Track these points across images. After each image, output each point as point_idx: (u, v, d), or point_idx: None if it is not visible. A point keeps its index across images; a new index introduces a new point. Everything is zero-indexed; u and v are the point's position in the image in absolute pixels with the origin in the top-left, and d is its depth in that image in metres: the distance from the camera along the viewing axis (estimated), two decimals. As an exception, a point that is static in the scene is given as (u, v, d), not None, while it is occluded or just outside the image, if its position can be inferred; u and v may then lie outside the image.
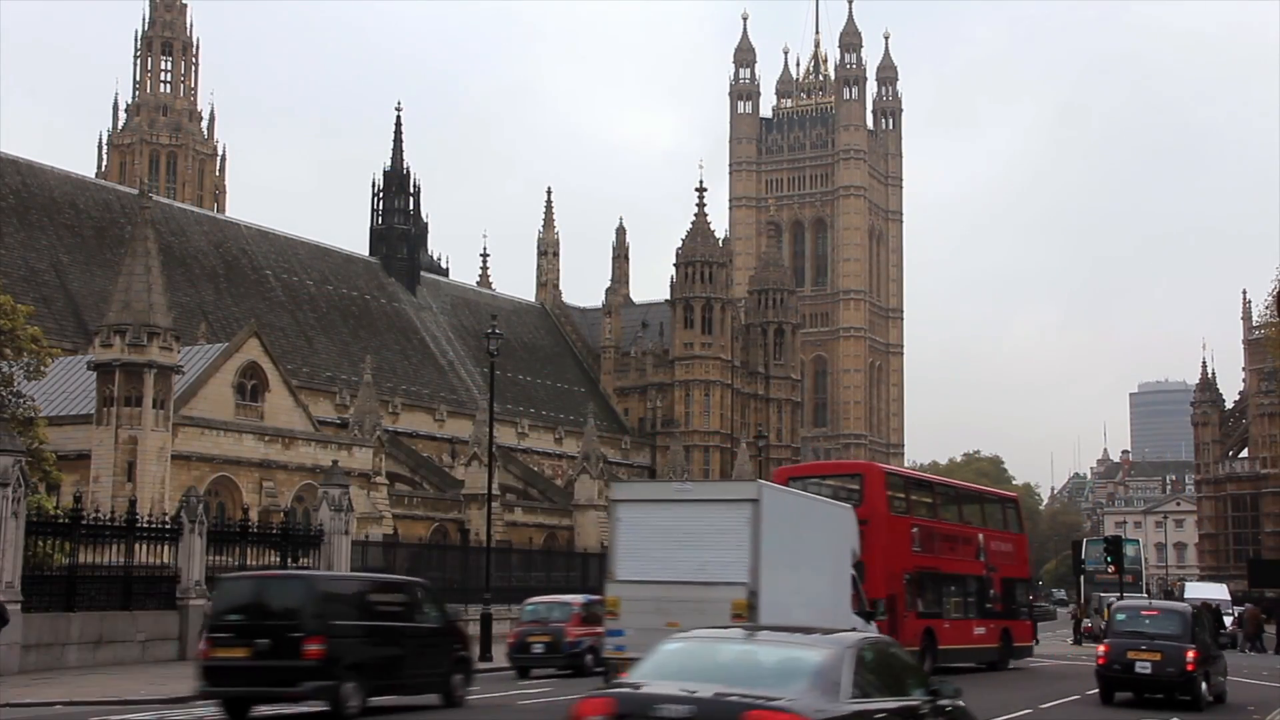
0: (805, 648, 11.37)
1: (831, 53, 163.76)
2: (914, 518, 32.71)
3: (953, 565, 33.81)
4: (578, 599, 33.18)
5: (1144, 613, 27.49)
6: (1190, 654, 24.70)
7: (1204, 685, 24.99)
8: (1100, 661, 25.79)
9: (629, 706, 10.50)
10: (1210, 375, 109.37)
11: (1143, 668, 24.94)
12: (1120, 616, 27.35)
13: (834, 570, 24.26)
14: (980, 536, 35.53)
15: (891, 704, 11.24)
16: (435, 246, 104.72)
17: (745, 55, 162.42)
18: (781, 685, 10.46)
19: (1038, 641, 41.99)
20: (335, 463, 46.99)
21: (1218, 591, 64.91)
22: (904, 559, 31.06)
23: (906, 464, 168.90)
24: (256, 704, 20.00)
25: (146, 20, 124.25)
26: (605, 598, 21.86)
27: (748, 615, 19.64)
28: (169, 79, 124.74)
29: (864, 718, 10.71)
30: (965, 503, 38.38)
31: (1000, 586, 35.88)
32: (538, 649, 30.96)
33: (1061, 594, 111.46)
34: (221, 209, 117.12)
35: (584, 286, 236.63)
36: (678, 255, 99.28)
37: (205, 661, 19.95)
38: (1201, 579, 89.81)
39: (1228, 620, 56.29)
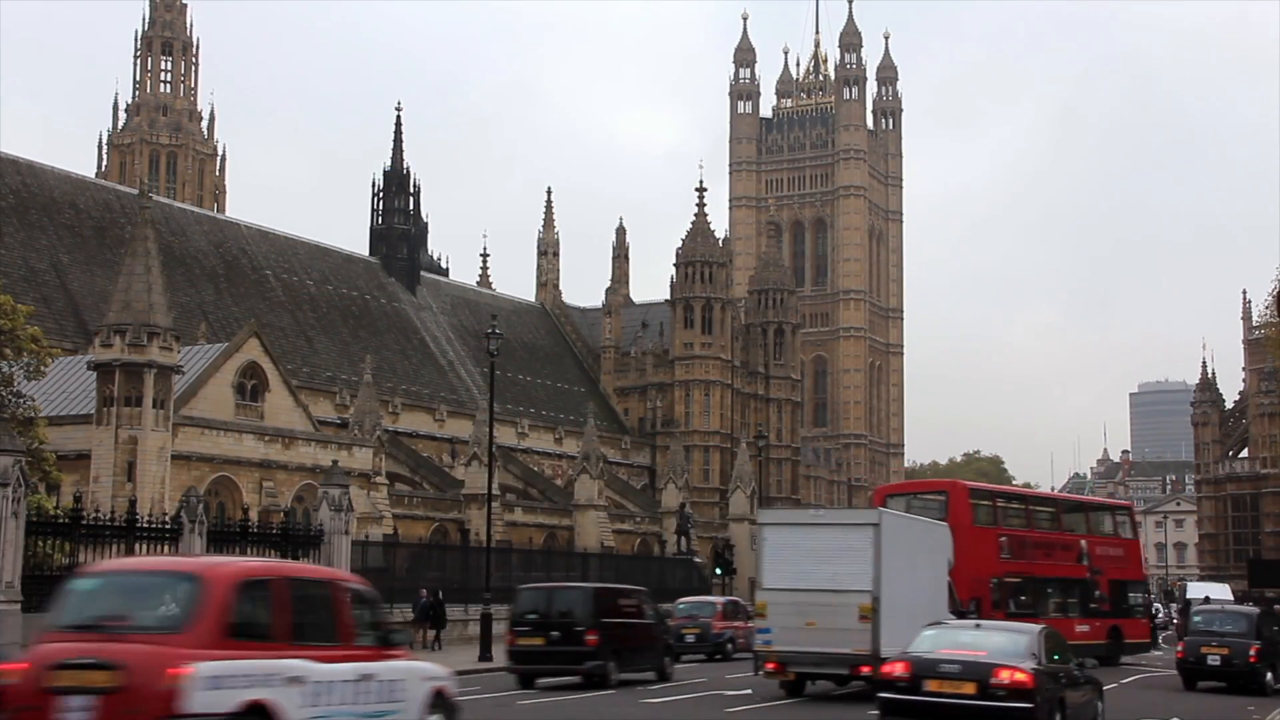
0: (1016, 632, 18.91)
1: (831, 53, 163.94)
2: (1003, 528, 36.58)
3: (1050, 570, 37.48)
4: (720, 600, 44.71)
5: (1216, 614, 32.74)
6: (1253, 649, 29.68)
7: (1269, 675, 29.82)
8: (1179, 656, 31.29)
9: (920, 667, 17.53)
10: (1210, 375, 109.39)
11: (1213, 660, 29.95)
12: (1197, 619, 32.79)
13: (933, 576, 28.30)
14: (1083, 543, 38.86)
15: (1060, 667, 18.32)
16: (435, 246, 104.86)
17: (745, 55, 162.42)
18: (1007, 655, 17.42)
19: (1155, 639, 45.56)
20: (335, 463, 46.96)
21: (1220, 591, 64.83)
22: (990, 566, 34.70)
23: (906, 464, 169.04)
24: (544, 677, 27.95)
25: (146, 20, 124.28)
26: (756, 602, 26.47)
27: (871, 616, 23.95)
28: (169, 79, 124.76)
29: (1053, 673, 17.92)
30: (1067, 512, 42.44)
31: (1107, 588, 38.91)
32: (690, 639, 38.85)
33: None
34: (221, 209, 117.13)
35: (584, 286, 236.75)
36: (678, 255, 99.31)
37: (511, 647, 28.68)
38: (1202, 579, 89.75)
39: None
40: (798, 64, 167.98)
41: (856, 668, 24.38)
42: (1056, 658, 18.37)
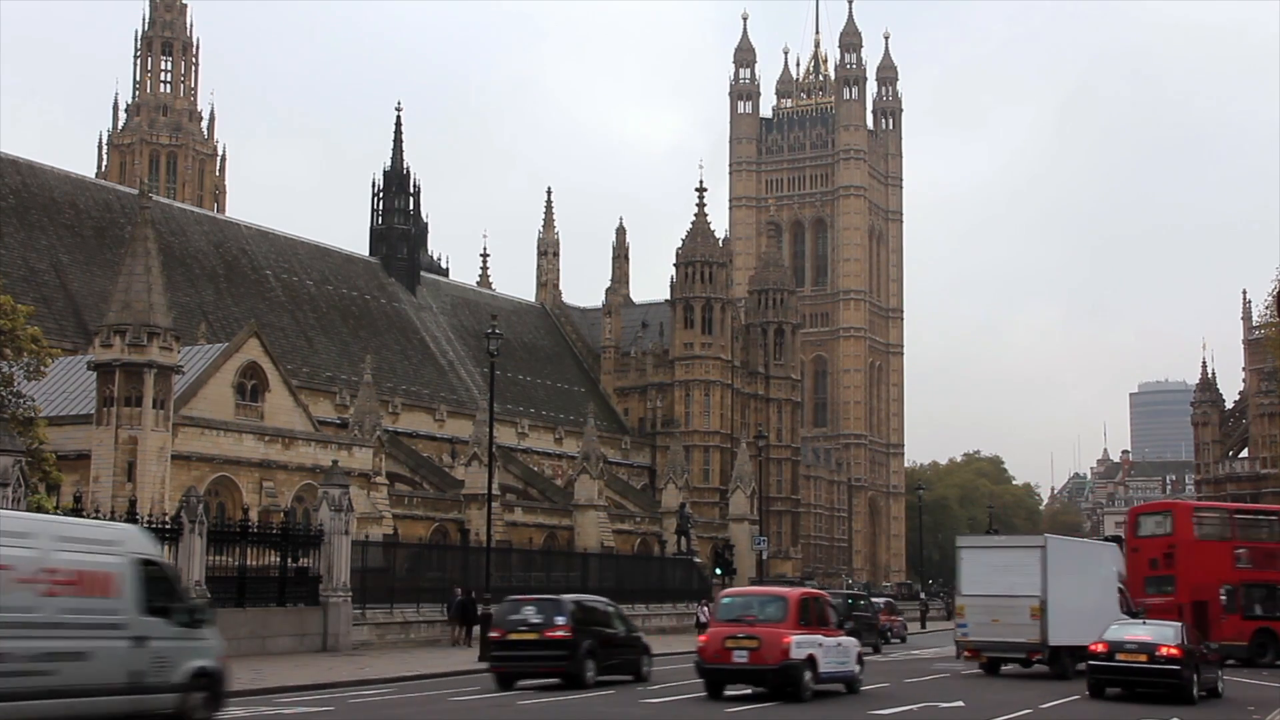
0: (1168, 626, 27.93)
1: (831, 53, 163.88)
2: (1238, 541, 41.22)
3: None
4: (882, 599, 58.64)
5: None
6: None
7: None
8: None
9: (1113, 645, 26.71)
10: (1210, 375, 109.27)
11: None
12: None
13: (1100, 585, 34.67)
14: None
15: (1196, 648, 27.44)
16: (435, 246, 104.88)
17: (745, 55, 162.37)
18: (1165, 639, 26.62)
19: None
20: (335, 463, 46.97)
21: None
22: (1220, 573, 40.03)
23: (906, 464, 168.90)
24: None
25: (146, 20, 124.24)
26: (955, 605, 35.43)
27: (1040, 615, 31.00)
28: (169, 79, 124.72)
29: (1192, 651, 26.78)
30: None
31: None
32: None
33: None
34: (221, 209, 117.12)
35: (584, 286, 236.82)
36: (678, 255, 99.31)
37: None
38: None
39: None
40: (798, 64, 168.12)
41: (1030, 654, 32.10)
42: (1193, 644, 27.30)
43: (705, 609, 47.41)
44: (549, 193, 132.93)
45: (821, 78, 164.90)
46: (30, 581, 15.66)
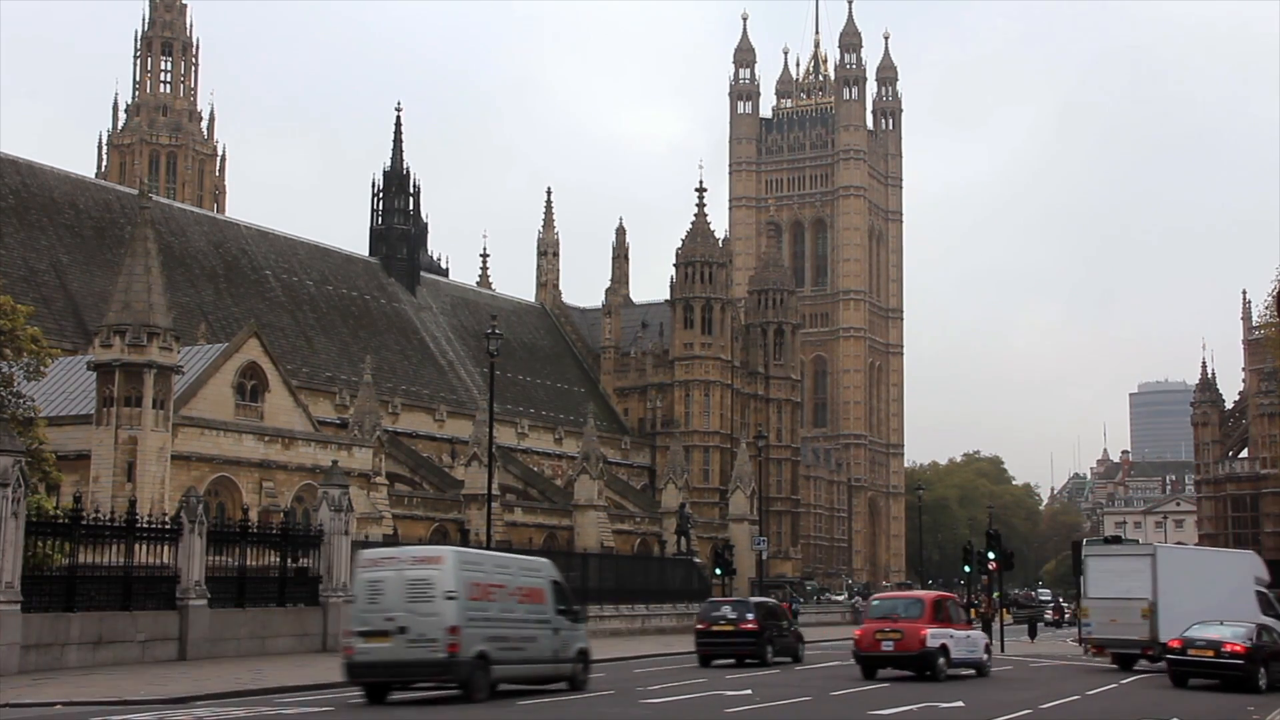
0: (1240, 626, 30.97)
1: (831, 53, 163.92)
2: None
3: None
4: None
5: None
6: None
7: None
8: None
9: (1187, 641, 30.24)
10: (1210, 375, 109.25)
11: None
12: None
13: (1229, 589, 37.24)
14: None
15: (1266, 644, 30.41)
16: (435, 246, 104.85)
17: (745, 55, 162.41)
18: (1236, 637, 29.92)
19: None
20: (335, 463, 46.95)
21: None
22: None
23: (906, 464, 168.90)
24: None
25: (146, 20, 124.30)
26: (1080, 607, 40.01)
27: (1150, 615, 34.95)
28: (169, 79, 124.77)
29: (1260, 647, 30.15)
30: None
31: None
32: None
33: (1046, 594, 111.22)
34: (221, 209, 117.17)
35: (584, 286, 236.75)
36: (678, 255, 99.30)
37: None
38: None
39: None
40: (798, 64, 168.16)
41: (1143, 649, 35.76)
42: (1265, 640, 30.59)
43: None
44: (549, 193, 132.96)
45: (821, 78, 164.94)
46: (512, 595, 25.37)
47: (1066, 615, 75.10)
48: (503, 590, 24.96)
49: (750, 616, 37.02)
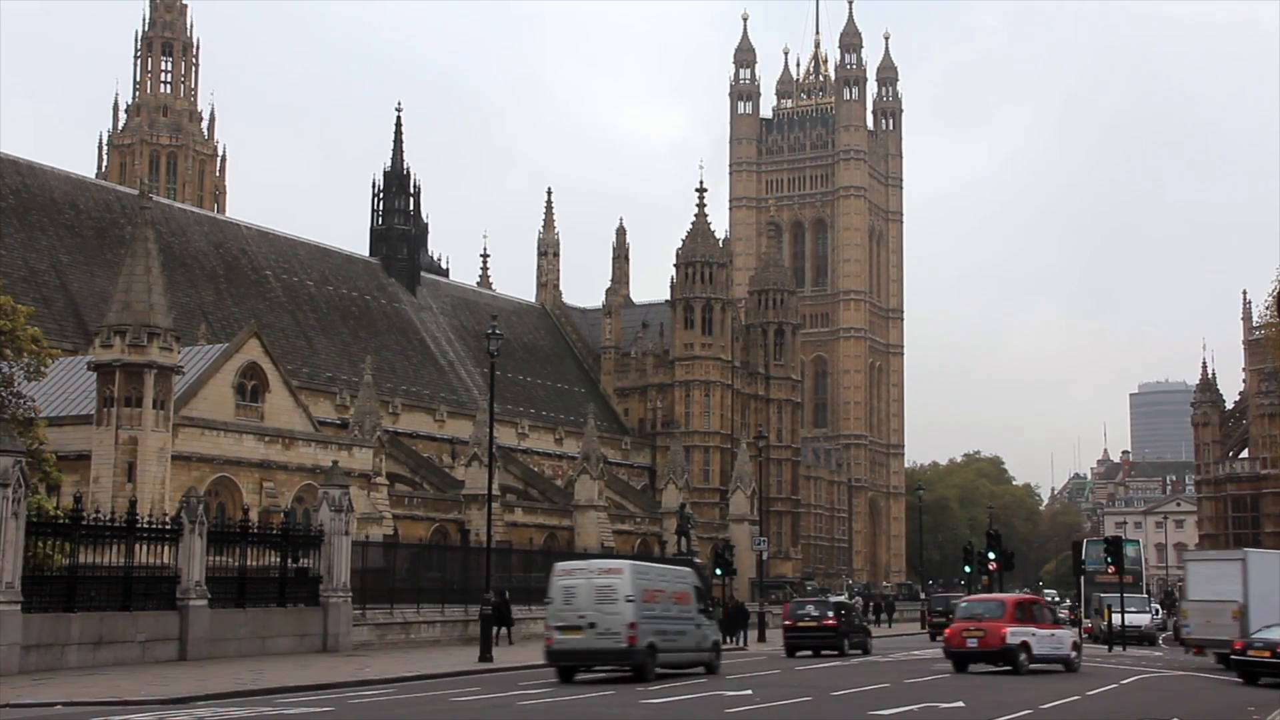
0: None
1: (831, 53, 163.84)
2: None
3: None
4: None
5: None
6: None
7: None
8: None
9: (1248, 643, 32.37)
10: (1210, 375, 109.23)
11: None
12: None
13: None
14: None
15: None
16: (435, 246, 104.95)
17: (745, 56, 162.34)
18: None
19: None
20: (335, 463, 46.96)
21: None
22: None
23: (906, 464, 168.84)
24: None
25: (146, 20, 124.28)
26: (1181, 609, 43.60)
27: (1240, 616, 37.36)
28: (169, 79, 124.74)
29: None
30: None
31: None
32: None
33: (1052, 594, 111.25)
34: (221, 209, 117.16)
35: (584, 286, 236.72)
36: (678, 256, 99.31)
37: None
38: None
39: None
40: (798, 64, 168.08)
41: (1232, 645, 36.45)
42: None
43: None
44: (549, 193, 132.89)
45: (821, 78, 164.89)
46: (669, 598, 31.50)
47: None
48: (664, 594, 31.30)
49: (830, 614, 43.76)
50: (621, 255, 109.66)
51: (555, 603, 30.15)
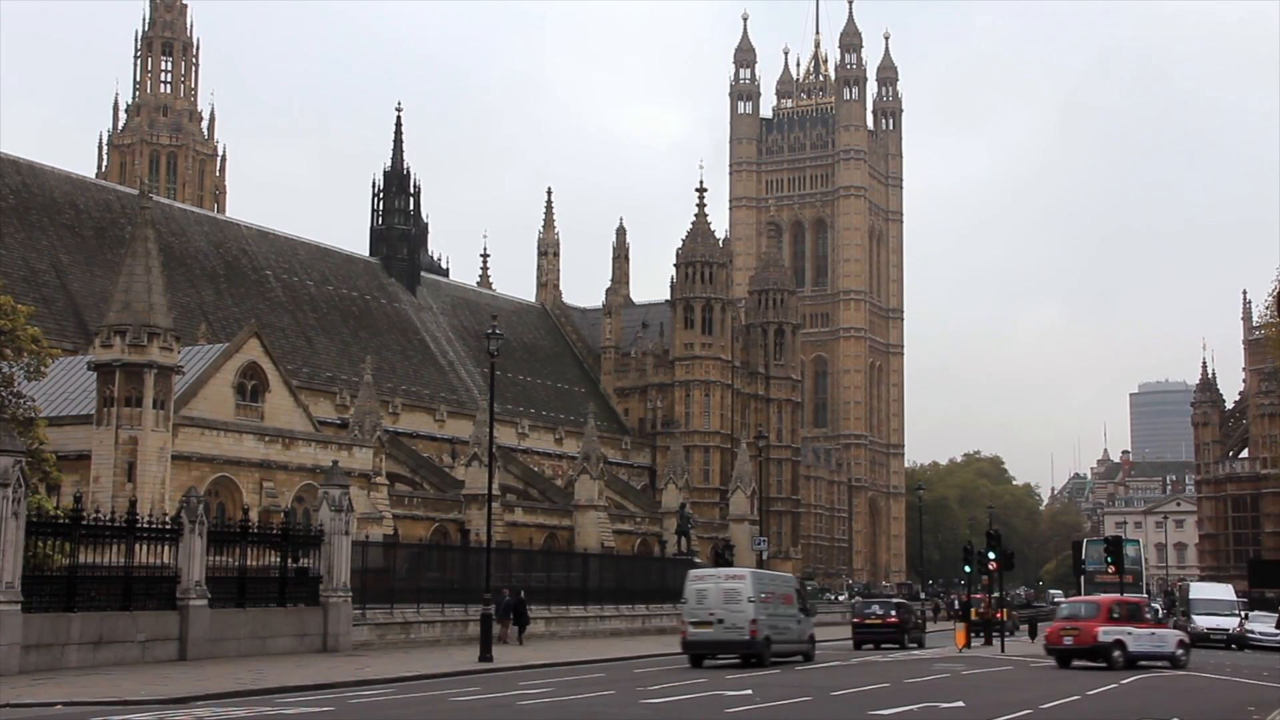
0: None
1: (831, 53, 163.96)
2: None
3: None
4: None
5: None
6: None
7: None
8: None
9: None
10: (1210, 375, 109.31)
11: None
12: None
13: None
14: None
15: None
16: (435, 245, 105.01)
17: (745, 55, 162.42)
18: None
19: None
20: (335, 463, 46.93)
21: (1224, 592, 64.89)
22: None
23: (906, 464, 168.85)
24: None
25: (146, 20, 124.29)
26: None
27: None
28: (169, 79, 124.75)
29: None
30: None
31: None
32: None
33: (1059, 594, 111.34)
34: (221, 209, 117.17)
35: (584, 286, 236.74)
36: (678, 255, 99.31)
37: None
38: (1202, 579, 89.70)
39: None
40: (798, 64, 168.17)
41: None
42: None
43: None
44: (549, 193, 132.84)
45: (821, 78, 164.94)
46: (779, 599, 38.18)
47: None
48: (774, 596, 38.00)
49: (893, 613, 50.51)
50: (621, 255, 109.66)
51: (689, 603, 36.61)
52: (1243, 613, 61.22)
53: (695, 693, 26.33)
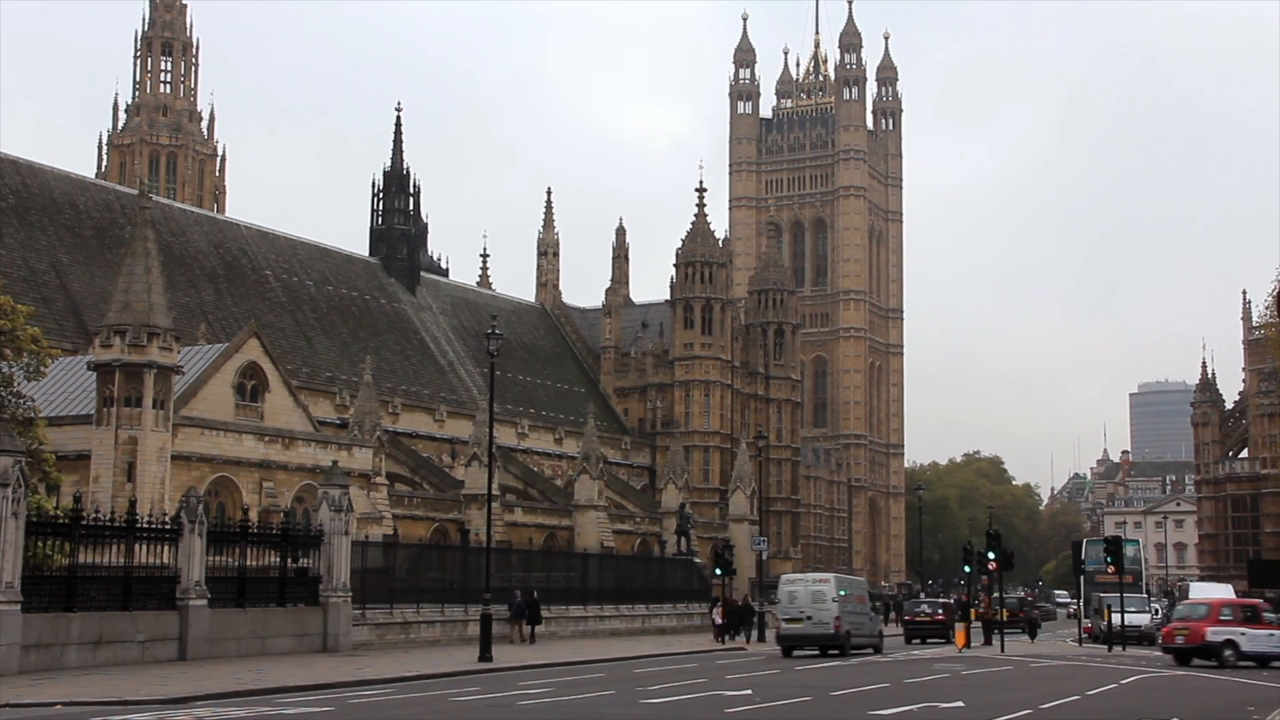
0: None
1: (831, 53, 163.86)
2: None
3: None
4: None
5: None
6: None
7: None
8: None
9: None
10: (1210, 375, 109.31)
11: None
12: None
13: None
14: None
15: None
16: (435, 245, 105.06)
17: (745, 55, 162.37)
18: None
19: None
20: (335, 463, 46.96)
21: (1224, 592, 64.88)
22: None
23: (906, 464, 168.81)
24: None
25: (146, 20, 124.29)
26: None
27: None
28: (169, 79, 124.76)
29: None
30: None
31: None
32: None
33: (1064, 595, 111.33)
34: (221, 209, 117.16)
35: (584, 286, 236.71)
36: (678, 255, 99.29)
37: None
38: (1202, 579, 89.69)
39: None
40: (798, 64, 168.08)
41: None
42: None
43: (716, 612, 53.15)
44: (549, 193, 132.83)
45: (821, 78, 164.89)
46: (855, 599, 45.03)
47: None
48: (852, 595, 44.52)
49: (940, 611, 57.42)
50: (621, 255, 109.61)
51: (782, 602, 43.45)
52: None
53: (695, 693, 26.33)
